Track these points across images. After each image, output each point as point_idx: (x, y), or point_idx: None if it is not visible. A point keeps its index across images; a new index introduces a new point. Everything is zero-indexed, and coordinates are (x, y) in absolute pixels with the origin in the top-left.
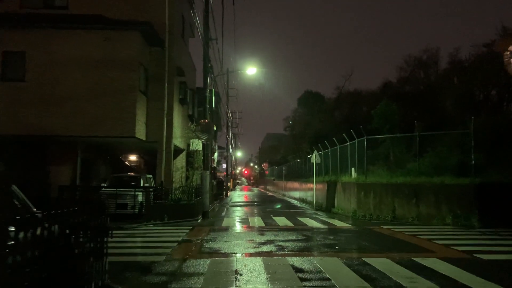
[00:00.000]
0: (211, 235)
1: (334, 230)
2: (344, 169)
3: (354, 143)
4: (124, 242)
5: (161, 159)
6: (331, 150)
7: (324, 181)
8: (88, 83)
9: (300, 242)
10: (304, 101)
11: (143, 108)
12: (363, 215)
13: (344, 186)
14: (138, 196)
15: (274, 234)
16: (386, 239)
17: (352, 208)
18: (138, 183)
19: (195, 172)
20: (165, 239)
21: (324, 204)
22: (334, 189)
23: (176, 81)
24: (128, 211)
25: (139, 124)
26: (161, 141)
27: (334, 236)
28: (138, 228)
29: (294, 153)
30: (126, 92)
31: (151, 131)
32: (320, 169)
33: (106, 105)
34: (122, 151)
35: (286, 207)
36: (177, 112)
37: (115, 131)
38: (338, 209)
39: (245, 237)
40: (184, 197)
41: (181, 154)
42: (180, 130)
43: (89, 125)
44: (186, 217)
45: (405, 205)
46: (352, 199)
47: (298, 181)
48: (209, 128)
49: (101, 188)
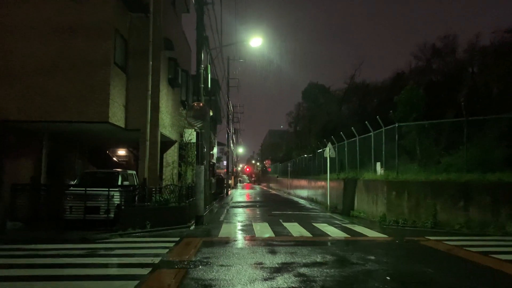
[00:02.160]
0: (203, 253)
1: (368, 244)
2: (365, 164)
3: (380, 132)
4: (70, 268)
5: (144, 151)
6: (347, 142)
7: (339, 178)
8: (49, 54)
9: (331, 269)
10: (309, 94)
11: (121, 87)
12: (394, 220)
13: (368, 185)
14: (114, 197)
15: (291, 253)
16: (451, 261)
17: (379, 212)
18: (115, 181)
19: (189, 168)
20: (136, 261)
21: (340, 206)
22: (353, 188)
23: (163, 57)
24: (100, 216)
25: (115, 107)
26: (145, 129)
27: (375, 256)
28: (108, 241)
29: (299, 149)
30: (98, 66)
31: (132, 116)
32: (334, 165)
33: (72, 82)
34: (106, 143)
35: (295, 208)
36: (166, 95)
37: (84, 115)
38: (359, 211)
39: (250, 257)
40: (173, 199)
41: (172, 146)
42: (170, 117)
43: (49, 108)
44: (175, 224)
45: (450, 208)
46: (380, 200)
47: (305, 178)
48: (204, 113)
49: (68, 188)
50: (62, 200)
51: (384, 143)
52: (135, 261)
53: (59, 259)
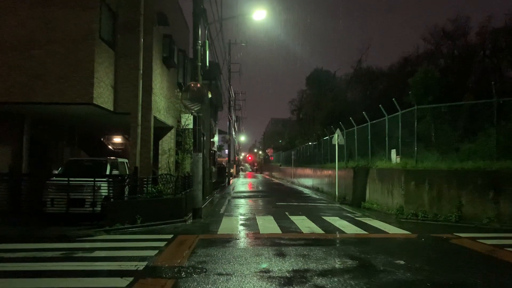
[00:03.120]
0: (198, 256)
1: (391, 244)
2: (376, 152)
3: (396, 116)
4: (30, 277)
5: (135, 137)
6: (357, 128)
7: (348, 167)
8: (25, 26)
9: (355, 279)
10: (313, 81)
11: (109, 65)
12: (413, 213)
13: (381, 174)
14: (101, 188)
15: (302, 255)
16: (499, 268)
17: (395, 204)
18: (103, 170)
19: (187, 156)
20: (117, 267)
21: (349, 196)
22: (364, 177)
23: (157, 33)
24: (86, 209)
25: (102, 87)
26: (136, 112)
27: (404, 259)
28: (91, 238)
29: (303, 137)
30: (80, 40)
31: (122, 98)
32: (341, 152)
33: (52, 59)
34: (99, 129)
35: (301, 199)
36: (160, 75)
37: (65, 96)
38: (371, 203)
39: (255, 261)
40: (168, 190)
41: (168, 132)
42: (165, 100)
43: (27, 88)
44: (169, 218)
45: (476, 200)
46: (396, 191)
47: (310, 167)
48: (202, 95)
49: (50, 178)
50: (42, 192)
51: (403, 128)
52: (116, 267)
53: (23, 265)
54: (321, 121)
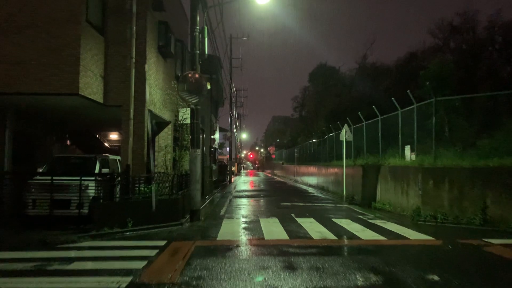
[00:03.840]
0: (193, 269)
1: (416, 252)
2: (389, 148)
3: (410, 110)
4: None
5: (127, 131)
6: (366, 124)
7: (355, 165)
8: (4, 9)
9: None
10: (317, 76)
11: (97, 52)
12: (431, 215)
13: (395, 172)
14: (89, 188)
15: (316, 268)
16: None
17: (411, 204)
18: (92, 168)
19: (185, 153)
20: (95, 284)
21: (358, 196)
22: (374, 175)
23: (151, 18)
24: (72, 211)
25: (89, 76)
26: (128, 104)
27: (437, 273)
28: (74, 245)
29: (306, 134)
30: (64, 23)
31: (112, 89)
32: (348, 149)
33: (33, 44)
34: (93, 124)
35: (306, 199)
36: (155, 65)
37: (48, 85)
38: (382, 203)
39: (260, 276)
40: (163, 189)
41: (165, 128)
42: (161, 93)
43: (6, 77)
44: (164, 220)
45: (504, 201)
46: (412, 190)
47: (314, 165)
48: (200, 85)
49: (32, 176)
50: (23, 192)
51: (419, 122)
52: (94, 284)
53: None
54: (325, 117)
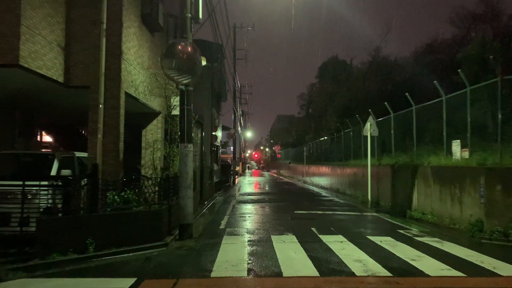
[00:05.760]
0: None
1: None
2: (420, 145)
3: (460, 96)
4: None
5: (96, 120)
6: (394, 116)
7: (381, 164)
8: None
9: None
10: (327, 70)
11: (53, 13)
12: (500, 231)
13: (439, 174)
14: (39, 196)
15: None
16: None
17: (468, 216)
18: (46, 170)
19: (177, 150)
20: None
21: (387, 201)
22: (409, 177)
23: None
24: (10, 229)
25: (39, 43)
26: (97, 85)
27: None
28: (2, 286)
29: (314, 132)
30: None
31: (78, 65)
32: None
33: None
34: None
35: (323, 204)
36: (137, 38)
37: None
38: (421, 212)
39: None
40: (148, 196)
41: (154, 120)
42: (145, 74)
43: None
44: (141, 240)
45: None
46: (468, 198)
47: (326, 165)
48: (193, 62)
49: None
50: None
51: (472, 110)
52: None
53: None
54: (336, 113)
